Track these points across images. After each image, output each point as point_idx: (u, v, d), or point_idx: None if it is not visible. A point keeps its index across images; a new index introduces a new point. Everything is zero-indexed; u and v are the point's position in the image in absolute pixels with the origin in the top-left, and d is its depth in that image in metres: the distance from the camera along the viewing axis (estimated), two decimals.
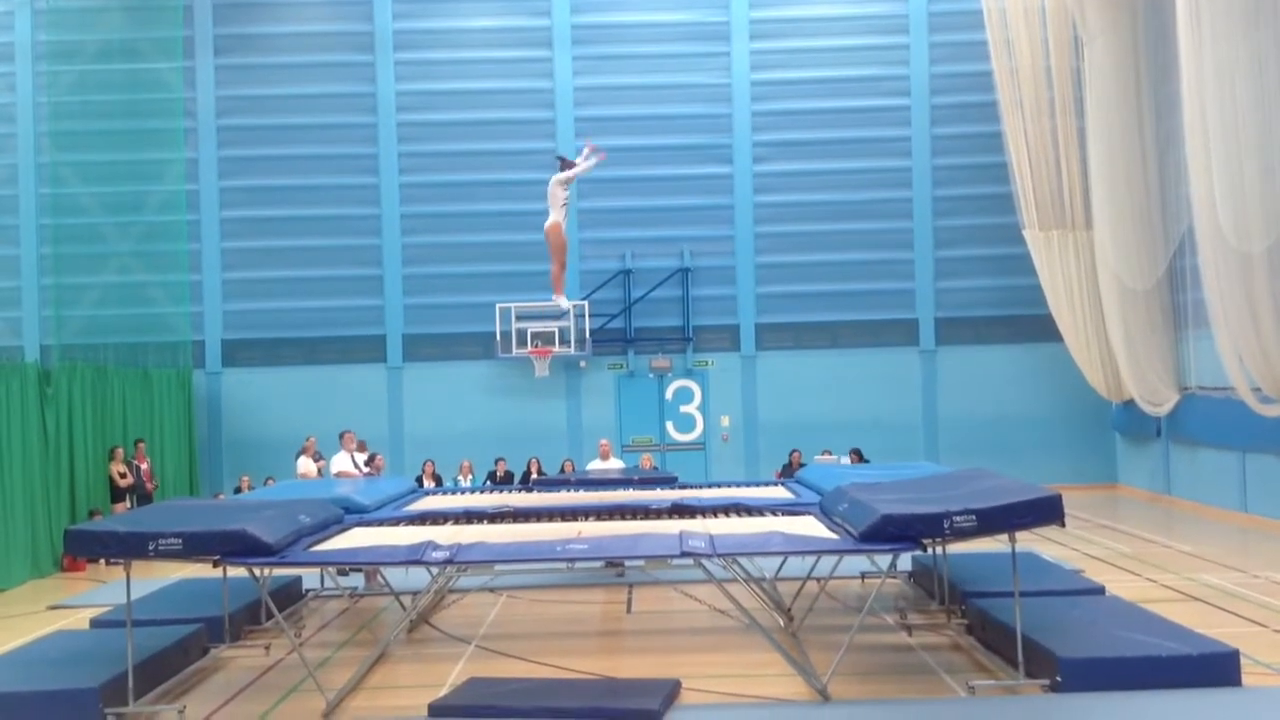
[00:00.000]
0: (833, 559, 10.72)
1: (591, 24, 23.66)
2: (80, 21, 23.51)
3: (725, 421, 23.60)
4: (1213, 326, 15.77)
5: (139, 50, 23.50)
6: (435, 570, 9.48)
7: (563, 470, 19.92)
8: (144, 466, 18.55)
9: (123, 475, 17.85)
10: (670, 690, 8.39)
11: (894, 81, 23.53)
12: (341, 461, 15.65)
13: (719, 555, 8.80)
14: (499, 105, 23.62)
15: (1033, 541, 14.40)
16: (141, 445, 18.79)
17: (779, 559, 11.42)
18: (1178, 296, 19.73)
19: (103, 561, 15.18)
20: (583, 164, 13.40)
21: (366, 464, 16.22)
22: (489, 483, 20.08)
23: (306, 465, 17.15)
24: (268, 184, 23.55)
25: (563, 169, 13.29)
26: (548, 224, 13.03)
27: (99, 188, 23.36)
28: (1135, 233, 19.67)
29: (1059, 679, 8.17)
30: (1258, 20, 14.34)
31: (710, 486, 14.48)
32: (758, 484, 15.34)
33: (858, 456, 20.45)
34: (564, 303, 14.41)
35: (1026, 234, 21.42)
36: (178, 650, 9.55)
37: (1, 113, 23.48)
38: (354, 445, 15.96)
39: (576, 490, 14.01)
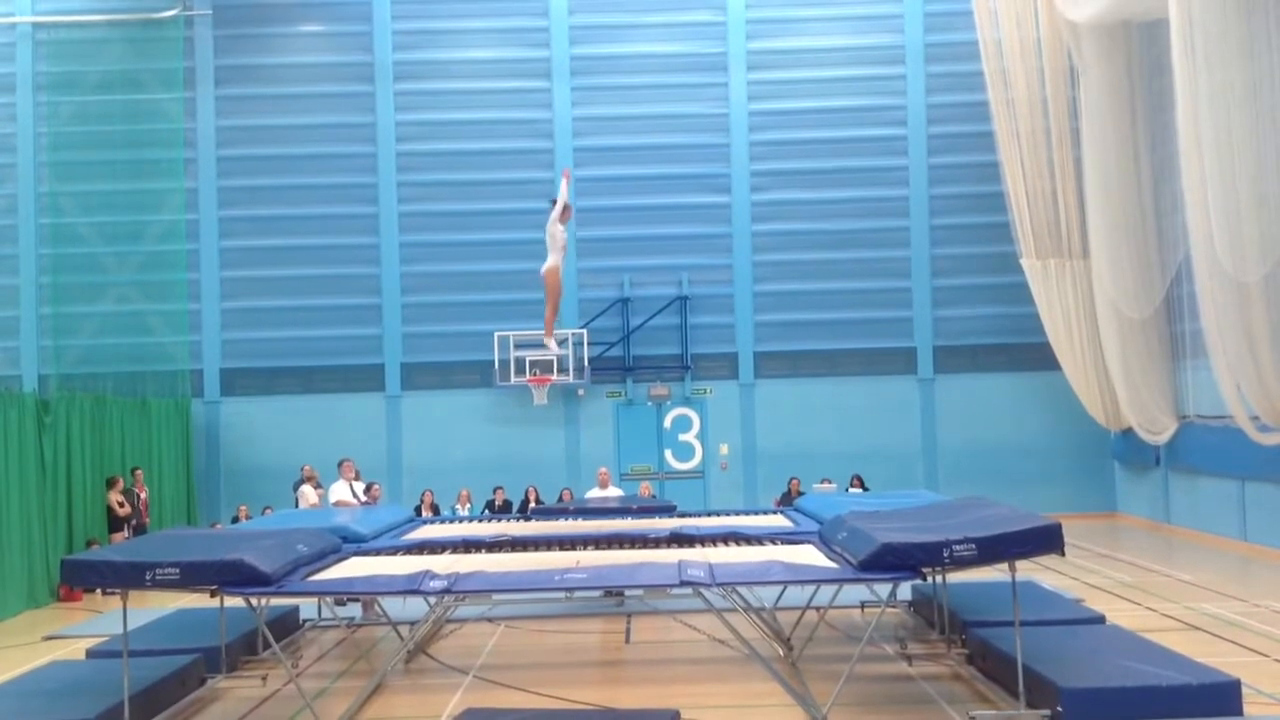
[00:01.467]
0: (832, 588, 10.69)
1: (590, 55, 23.82)
2: (81, 52, 23.67)
3: (724, 450, 23.58)
4: (1210, 355, 15.77)
5: (139, 81, 23.65)
6: (433, 600, 9.45)
7: (561, 499, 19.89)
8: (143, 496, 18.51)
9: (121, 505, 17.80)
10: None
11: (891, 111, 23.67)
12: (339, 490, 15.59)
13: (718, 584, 8.77)
14: (498, 135, 23.74)
15: (1033, 570, 14.38)
16: (139, 474, 18.75)
17: (778, 588, 11.39)
18: (1175, 325, 19.77)
19: (99, 591, 15.16)
20: (563, 192, 13.31)
21: (364, 493, 16.17)
22: (487, 511, 20.04)
23: (310, 494, 17.05)
24: (267, 213, 23.63)
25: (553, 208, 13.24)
26: (546, 267, 12.84)
27: (98, 217, 23.45)
28: (1132, 262, 19.72)
29: (1060, 709, 8.13)
30: (1252, 49, 14.43)
31: (709, 515, 14.44)
32: (757, 512, 15.28)
33: (859, 483, 20.47)
34: (553, 347, 14.27)
35: (1024, 263, 21.48)
36: (174, 681, 9.50)
37: (2, 143, 23.58)
38: (353, 474, 15.91)
39: (575, 519, 13.97)
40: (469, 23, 23.96)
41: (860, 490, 19.78)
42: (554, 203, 13.01)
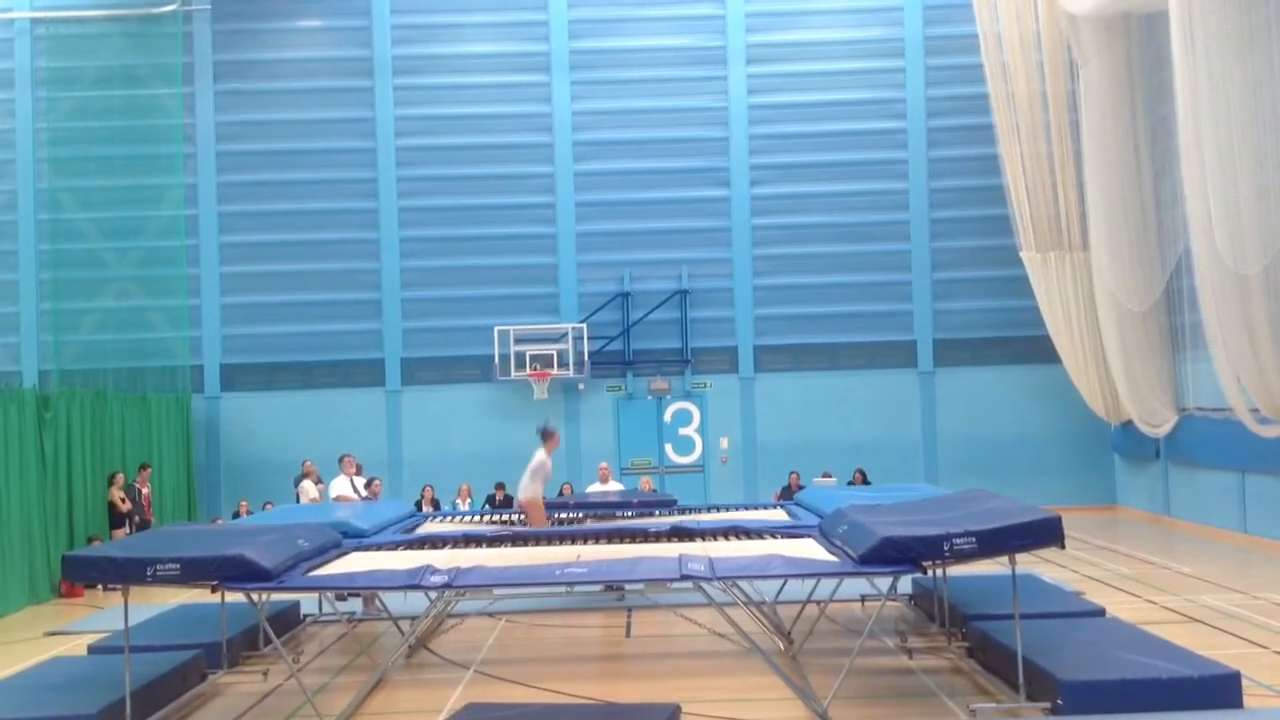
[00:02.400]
0: (833, 582, 10.68)
1: (589, 49, 23.79)
2: (80, 47, 23.64)
3: (724, 444, 23.59)
4: (1210, 347, 15.77)
5: (138, 76, 23.63)
6: (433, 595, 9.46)
7: (561, 493, 19.88)
8: (145, 492, 18.51)
9: (122, 500, 17.81)
10: (670, 715, 8.33)
11: (890, 105, 23.66)
12: (340, 486, 15.61)
13: (719, 578, 8.78)
14: (497, 130, 23.72)
15: (1032, 563, 14.38)
16: (147, 470, 18.74)
17: (779, 582, 11.39)
18: (1175, 318, 19.76)
19: (101, 587, 15.17)
20: (550, 449, 13.35)
21: (365, 488, 16.18)
22: (488, 506, 20.04)
23: (310, 489, 17.08)
24: (267, 209, 23.62)
25: (545, 440, 13.35)
26: (529, 498, 13.06)
27: (98, 213, 23.44)
28: (1132, 254, 19.71)
29: (1060, 701, 8.14)
30: (1252, 42, 14.41)
31: (709, 509, 14.46)
32: (757, 506, 15.31)
33: (862, 477, 20.47)
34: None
35: (1024, 256, 21.48)
36: (175, 676, 9.50)
37: (1, 139, 23.56)
38: (353, 469, 15.93)
39: (575, 513, 13.98)
40: (468, 17, 23.94)
41: (863, 484, 19.78)
42: (545, 433, 13.34)
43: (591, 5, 23.85)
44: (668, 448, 23.65)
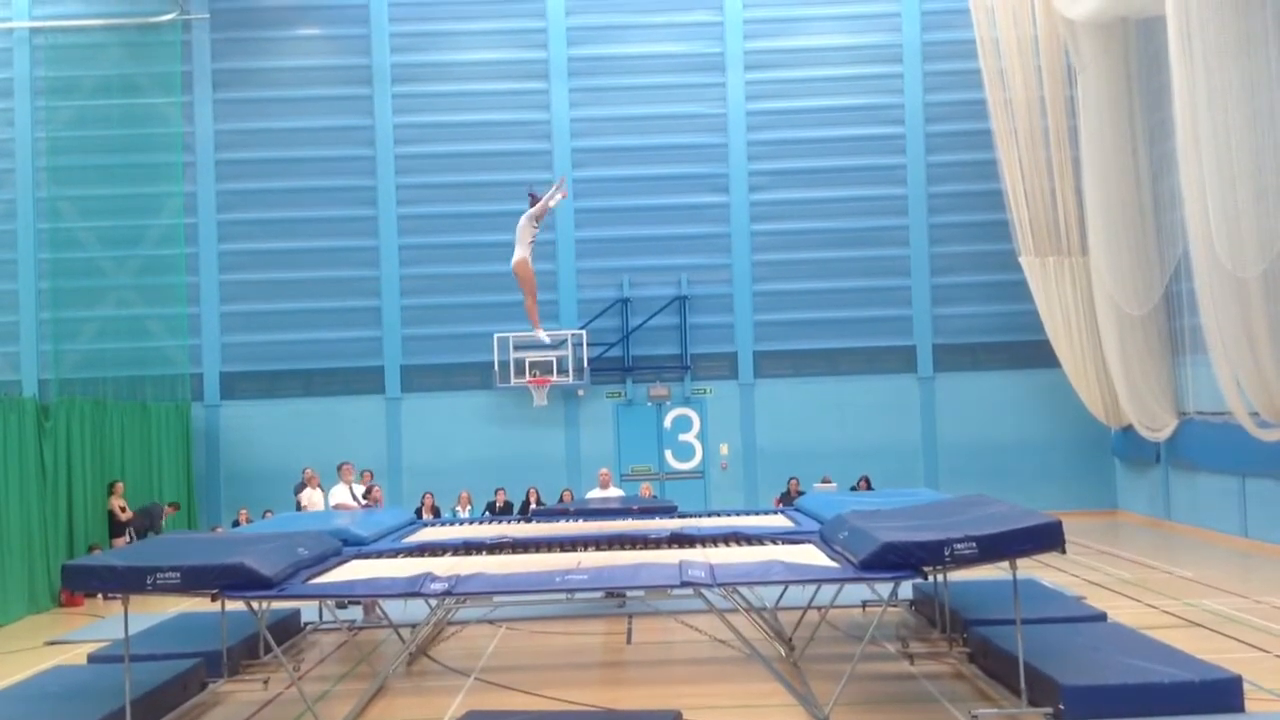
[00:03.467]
0: (834, 588, 10.69)
1: (587, 56, 23.82)
2: (79, 57, 23.66)
3: (724, 449, 23.58)
4: (1210, 351, 15.77)
5: (137, 85, 23.64)
6: (434, 602, 9.44)
7: (562, 500, 19.87)
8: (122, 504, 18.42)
9: (123, 509, 17.79)
10: None
11: (889, 110, 23.68)
12: (339, 494, 15.61)
13: (719, 585, 8.78)
14: (496, 137, 23.74)
15: (1033, 568, 14.38)
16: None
17: (779, 588, 11.39)
18: (1175, 322, 19.76)
19: (100, 596, 15.15)
20: (552, 198, 13.38)
21: (364, 495, 16.18)
22: (488, 513, 20.03)
23: (314, 497, 17.01)
24: (266, 217, 23.63)
25: (532, 204, 13.24)
26: (515, 260, 12.97)
27: (97, 222, 23.45)
28: (1131, 258, 19.73)
29: (1062, 707, 8.13)
30: (1249, 46, 14.43)
31: (710, 515, 14.45)
32: (757, 512, 15.28)
33: (866, 484, 20.42)
34: (543, 335, 14.34)
35: (1023, 260, 21.48)
36: (175, 685, 9.50)
37: (0, 147, 23.58)
38: (352, 477, 15.93)
39: (576, 520, 13.98)
40: (467, 25, 23.96)
41: (866, 490, 19.74)
42: (533, 198, 13.10)
43: (590, 12, 23.89)
44: (668, 454, 23.64)
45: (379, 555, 10.97)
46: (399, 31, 23.86)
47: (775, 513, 14.85)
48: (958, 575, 11.00)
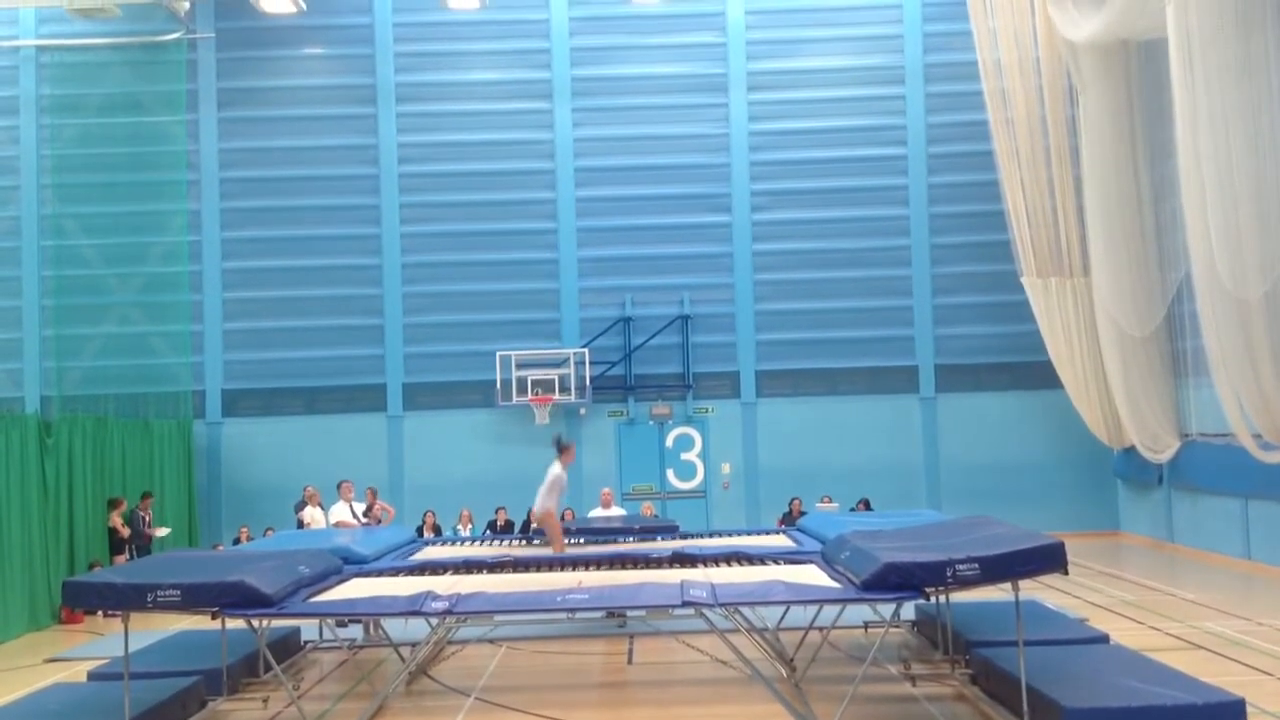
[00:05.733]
0: (835, 608, 10.66)
1: (591, 77, 23.92)
2: (84, 75, 23.77)
3: (726, 469, 23.56)
4: (1212, 373, 15.77)
5: (142, 103, 23.74)
6: (434, 621, 9.42)
7: (563, 518, 19.81)
8: (146, 518, 18.43)
9: (123, 526, 17.75)
10: None
11: (891, 131, 23.75)
12: (340, 511, 15.59)
13: (721, 605, 8.76)
14: (500, 156, 23.82)
15: (1036, 590, 14.33)
16: (149, 500, 18.66)
17: (781, 608, 11.35)
18: (1177, 343, 19.77)
19: (101, 613, 15.12)
20: (566, 463, 12.88)
21: (365, 514, 16.16)
22: (489, 532, 20.01)
23: (315, 515, 16.99)
24: (270, 235, 23.69)
25: (560, 453, 12.85)
26: (544, 512, 12.61)
27: (101, 239, 23.51)
28: (1133, 279, 19.74)
29: None
30: (1250, 68, 14.48)
31: (711, 535, 14.43)
32: (759, 532, 15.27)
33: (865, 506, 20.38)
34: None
35: (1025, 281, 21.50)
36: (175, 703, 9.47)
37: (5, 165, 23.68)
38: (352, 495, 15.92)
39: (577, 539, 13.96)
40: (470, 45, 24.08)
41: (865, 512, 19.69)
42: (560, 446, 12.81)
43: (593, 33, 24.00)
44: (669, 473, 23.62)
45: (380, 573, 10.95)
46: (403, 51, 23.97)
47: (777, 533, 14.83)
48: (960, 596, 10.97)
